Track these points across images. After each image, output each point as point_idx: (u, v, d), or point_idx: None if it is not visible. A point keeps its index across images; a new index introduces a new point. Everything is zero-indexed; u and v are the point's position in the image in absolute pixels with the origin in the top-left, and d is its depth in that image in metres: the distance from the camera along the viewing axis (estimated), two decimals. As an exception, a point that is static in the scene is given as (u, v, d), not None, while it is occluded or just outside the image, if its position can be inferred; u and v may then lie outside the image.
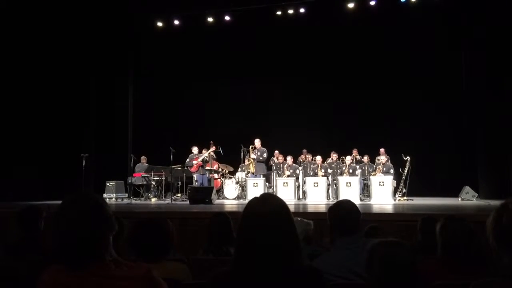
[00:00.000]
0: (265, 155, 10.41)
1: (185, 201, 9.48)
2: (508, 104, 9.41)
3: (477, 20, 10.18)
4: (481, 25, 10.06)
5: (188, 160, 10.64)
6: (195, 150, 10.68)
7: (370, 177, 9.75)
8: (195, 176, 10.60)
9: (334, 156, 10.74)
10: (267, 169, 10.71)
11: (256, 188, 9.44)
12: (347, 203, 2.41)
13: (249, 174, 10.26)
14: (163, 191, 10.79)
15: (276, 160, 10.74)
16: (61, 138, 10.55)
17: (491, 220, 1.53)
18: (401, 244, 1.61)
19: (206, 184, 10.24)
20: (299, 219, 3.10)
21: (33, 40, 10.04)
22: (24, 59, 9.97)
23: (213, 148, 10.51)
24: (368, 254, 1.61)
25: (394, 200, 9.30)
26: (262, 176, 10.10)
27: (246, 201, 1.63)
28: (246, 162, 10.49)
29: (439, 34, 11.09)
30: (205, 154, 10.53)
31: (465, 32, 10.75)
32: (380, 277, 1.54)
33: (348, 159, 10.15)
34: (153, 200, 10.37)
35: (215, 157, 10.78)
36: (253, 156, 10.36)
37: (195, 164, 10.49)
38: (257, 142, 10.48)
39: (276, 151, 10.79)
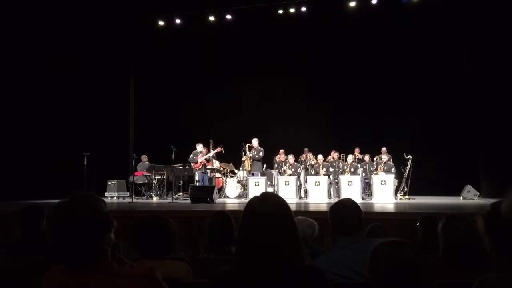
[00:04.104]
0: (261, 153, 10.55)
1: (187, 200, 9.49)
2: (510, 103, 9.39)
3: (480, 20, 10.15)
4: (484, 24, 10.03)
5: (192, 156, 10.59)
6: (199, 147, 10.65)
7: (372, 176, 9.74)
8: (196, 174, 10.59)
9: (335, 155, 10.74)
10: (270, 168, 10.76)
11: (257, 187, 9.44)
12: (349, 202, 2.40)
13: (248, 172, 10.34)
14: (164, 190, 10.81)
15: (277, 159, 10.76)
16: (63, 137, 10.57)
17: (483, 223, 1.53)
18: (404, 244, 1.60)
19: (206, 183, 10.25)
20: (300, 217, 3.08)
21: (34, 40, 10.05)
22: (26, 59, 9.97)
23: (219, 149, 10.53)
24: (371, 255, 1.60)
25: (396, 199, 9.30)
26: (259, 175, 10.15)
27: (247, 200, 1.62)
28: (243, 158, 10.57)
29: (441, 33, 11.06)
30: (210, 154, 10.53)
31: (467, 31, 10.71)
32: (384, 278, 1.53)
33: (349, 158, 10.15)
34: (155, 199, 10.38)
35: (214, 156, 10.78)
36: (249, 154, 10.45)
37: (199, 161, 10.47)
38: (255, 142, 10.62)
39: (281, 150, 10.82)
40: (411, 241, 1.74)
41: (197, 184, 10.24)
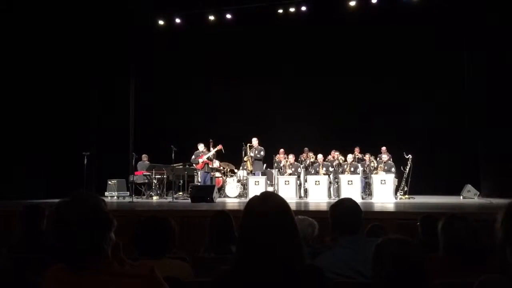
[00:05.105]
0: (262, 153, 10.56)
1: (187, 199, 9.49)
2: (509, 103, 9.40)
3: (480, 20, 10.15)
4: (483, 24, 10.03)
5: (193, 157, 10.59)
6: (200, 147, 10.64)
7: (372, 175, 9.74)
8: (199, 174, 10.60)
9: (335, 154, 10.75)
10: (270, 167, 10.76)
11: (257, 187, 9.45)
12: (349, 202, 2.40)
13: (249, 173, 10.34)
14: (164, 190, 10.82)
15: (277, 159, 10.76)
16: (63, 136, 10.56)
17: (501, 216, 1.53)
18: (410, 242, 1.60)
19: (209, 182, 10.26)
20: (300, 217, 3.09)
21: (34, 39, 10.04)
22: (25, 59, 9.97)
23: (219, 147, 10.53)
24: (376, 251, 1.59)
25: (396, 198, 9.30)
26: (260, 174, 10.15)
27: (248, 200, 1.62)
28: (245, 159, 10.58)
29: (441, 33, 11.06)
30: (210, 153, 10.53)
31: (467, 31, 10.72)
32: (390, 275, 1.52)
33: (349, 157, 10.15)
34: (155, 198, 10.39)
35: (215, 154, 10.77)
36: (251, 154, 10.44)
37: (201, 161, 10.48)
38: (255, 141, 10.63)
39: (281, 150, 10.83)
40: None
41: (198, 183, 10.27)
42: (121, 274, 1.44)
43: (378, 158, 10.39)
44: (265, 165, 10.79)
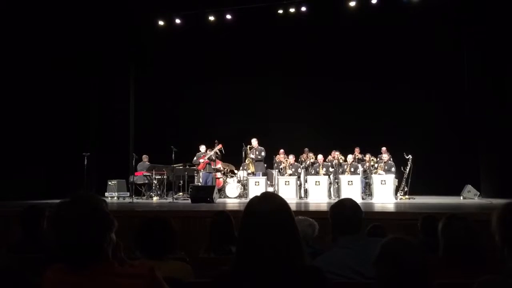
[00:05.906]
0: (263, 153, 10.54)
1: (187, 200, 9.49)
2: (509, 103, 9.40)
3: (478, 19, 10.15)
4: (482, 24, 10.03)
5: (195, 158, 10.63)
6: (202, 148, 10.67)
7: (372, 175, 9.74)
8: (200, 174, 10.59)
9: (335, 154, 10.75)
10: (270, 168, 10.75)
11: (257, 187, 9.45)
12: (349, 202, 2.40)
13: (250, 174, 10.33)
14: (164, 190, 10.81)
15: (277, 159, 10.76)
16: (63, 137, 10.57)
17: (496, 219, 1.53)
18: (415, 243, 1.60)
19: (210, 183, 10.26)
20: (300, 217, 3.09)
21: (35, 39, 10.04)
22: (26, 59, 9.97)
23: (219, 146, 10.52)
24: (380, 250, 1.59)
25: (396, 198, 9.30)
26: (261, 174, 10.15)
27: (248, 200, 1.62)
28: (246, 161, 10.57)
29: (440, 33, 11.07)
30: (211, 152, 10.53)
31: (466, 31, 10.72)
32: (392, 275, 1.52)
33: (349, 157, 10.15)
34: (155, 199, 10.38)
35: (218, 154, 10.78)
36: (251, 156, 10.43)
37: (202, 162, 10.49)
38: (254, 142, 10.61)
39: (282, 150, 10.83)
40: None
41: (199, 184, 10.26)
42: (122, 274, 1.44)
43: (378, 158, 10.39)
44: (265, 165, 10.78)
